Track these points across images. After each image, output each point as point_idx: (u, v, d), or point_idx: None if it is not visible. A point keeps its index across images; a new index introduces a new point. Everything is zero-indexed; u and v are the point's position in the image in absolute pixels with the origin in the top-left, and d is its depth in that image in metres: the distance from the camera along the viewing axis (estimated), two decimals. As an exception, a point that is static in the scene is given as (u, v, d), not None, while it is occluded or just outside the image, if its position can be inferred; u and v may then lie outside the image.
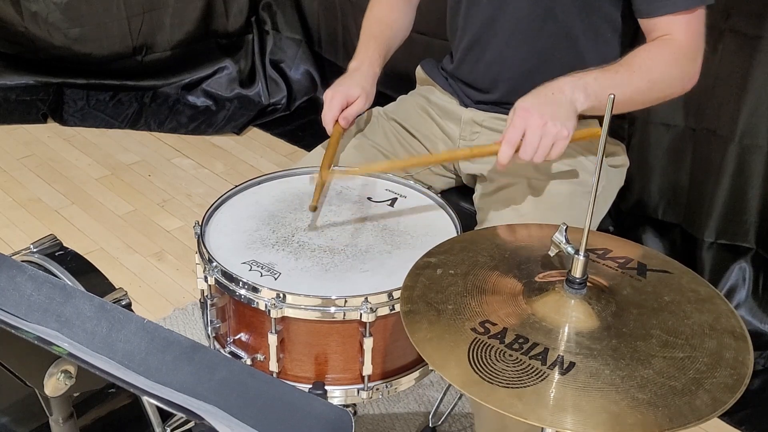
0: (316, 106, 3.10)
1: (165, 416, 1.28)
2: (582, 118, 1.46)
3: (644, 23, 1.37)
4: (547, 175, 1.45)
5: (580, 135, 1.31)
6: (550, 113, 1.24)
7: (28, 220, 2.60)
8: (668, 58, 1.34)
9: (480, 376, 0.89)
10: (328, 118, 1.50)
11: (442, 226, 1.32)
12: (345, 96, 1.50)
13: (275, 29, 3.36)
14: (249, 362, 1.21)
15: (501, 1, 1.45)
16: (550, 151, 1.25)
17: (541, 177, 1.45)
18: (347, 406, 1.25)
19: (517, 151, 1.25)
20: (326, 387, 1.18)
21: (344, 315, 1.14)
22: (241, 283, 1.16)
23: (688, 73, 1.36)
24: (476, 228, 1.43)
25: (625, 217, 2.34)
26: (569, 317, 0.97)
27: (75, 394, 0.83)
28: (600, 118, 1.48)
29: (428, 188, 1.43)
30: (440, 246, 1.13)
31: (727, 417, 1.91)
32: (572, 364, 0.91)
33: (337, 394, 1.20)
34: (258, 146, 3.11)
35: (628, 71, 1.32)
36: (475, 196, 1.53)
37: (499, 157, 1.26)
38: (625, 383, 0.88)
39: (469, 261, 1.09)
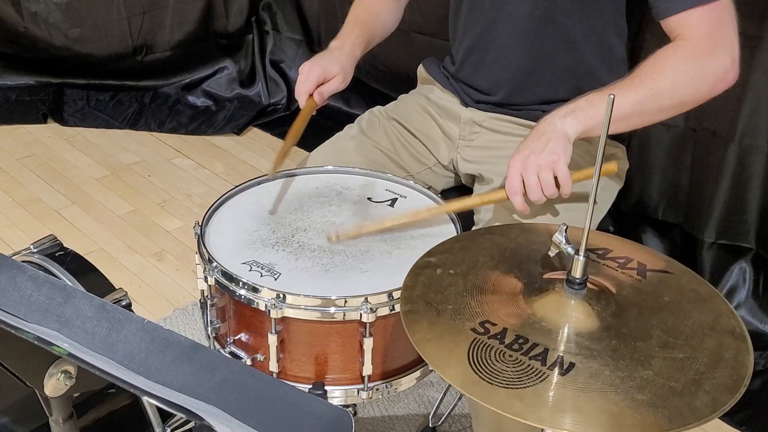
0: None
1: (165, 416, 1.28)
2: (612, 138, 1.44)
3: (663, 24, 1.34)
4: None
5: (580, 175, 1.28)
6: (531, 148, 1.25)
7: (28, 220, 2.60)
8: (676, 61, 1.29)
9: (480, 376, 0.89)
10: (302, 89, 1.48)
11: (442, 226, 1.32)
12: (323, 71, 1.48)
13: (275, 29, 3.36)
14: (249, 362, 1.21)
15: (501, 3, 1.45)
16: (556, 182, 1.24)
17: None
18: (347, 406, 1.25)
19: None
20: (326, 387, 1.18)
21: (344, 315, 1.14)
22: (241, 283, 1.16)
23: (708, 71, 1.29)
24: (474, 228, 1.43)
25: (625, 217, 2.34)
26: (569, 317, 0.97)
27: (75, 395, 0.83)
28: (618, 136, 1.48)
29: (428, 188, 1.43)
30: (440, 246, 1.13)
31: (727, 417, 1.91)
32: (572, 365, 0.91)
33: (337, 395, 1.20)
34: (258, 146, 3.11)
35: (626, 85, 1.29)
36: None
37: (516, 208, 1.27)
38: (624, 384, 0.88)
39: (469, 261, 1.09)
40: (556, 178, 1.24)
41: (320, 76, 1.48)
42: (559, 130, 1.27)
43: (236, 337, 1.23)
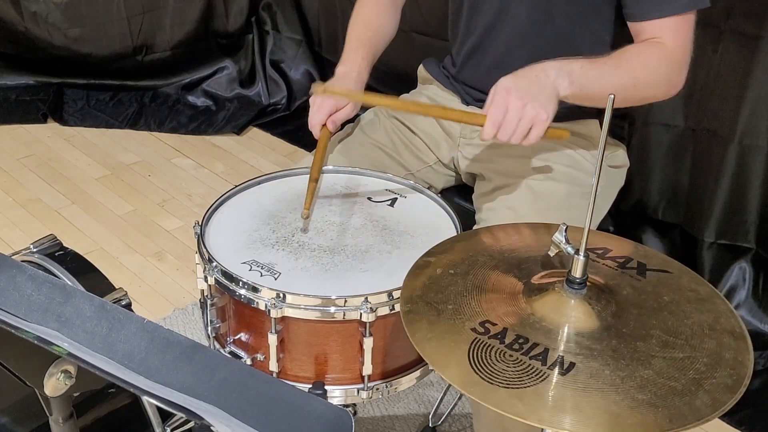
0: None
1: (165, 416, 1.28)
2: (581, 116, 1.46)
3: (633, 26, 1.37)
4: (546, 175, 1.45)
5: (549, 134, 1.29)
6: (531, 95, 1.24)
7: (28, 220, 2.60)
8: (655, 59, 1.34)
9: (480, 376, 0.89)
10: (315, 121, 1.50)
11: (442, 226, 1.32)
12: (335, 102, 1.50)
13: (275, 29, 3.36)
14: (249, 362, 1.21)
15: (501, 7, 1.45)
16: (528, 133, 1.25)
17: (539, 177, 1.45)
18: (347, 406, 1.25)
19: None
20: (326, 387, 1.18)
21: (344, 315, 1.14)
22: (241, 283, 1.16)
23: (673, 78, 1.36)
24: (474, 228, 1.44)
25: (625, 217, 2.33)
26: (569, 317, 0.97)
27: (75, 394, 0.83)
28: (598, 111, 1.48)
29: (428, 188, 1.43)
30: (440, 245, 1.13)
31: (727, 417, 1.91)
32: (572, 365, 0.91)
33: (337, 394, 1.20)
34: (258, 146, 3.11)
35: (614, 65, 1.32)
36: (474, 196, 1.54)
37: (482, 133, 1.27)
38: (625, 384, 0.88)
39: (469, 260, 1.09)
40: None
41: (332, 107, 1.50)
42: (555, 87, 1.27)
43: (236, 337, 1.23)
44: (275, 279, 1.19)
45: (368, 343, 1.15)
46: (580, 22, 1.42)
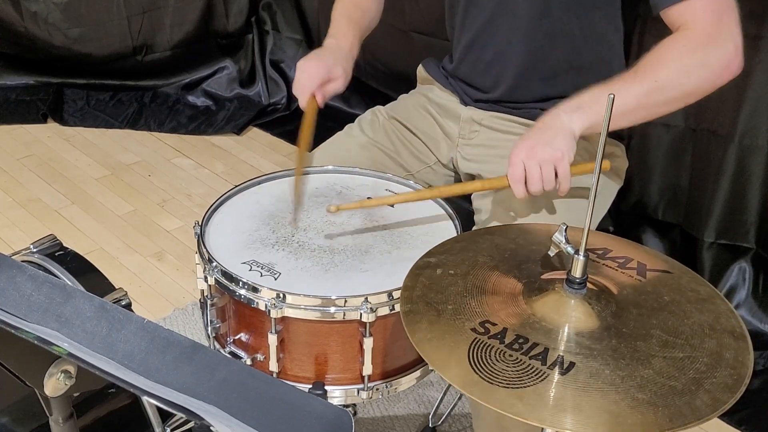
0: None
1: (165, 416, 1.28)
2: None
3: (663, 16, 1.32)
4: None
5: (576, 170, 1.28)
6: (536, 140, 1.25)
7: (28, 220, 2.60)
8: (676, 52, 1.27)
9: (480, 376, 0.89)
10: (306, 87, 1.44)
11: (442, 226, 1.32)
12: (328, 71, 1.46)
13: (275, 29, 3.36)
14: (249, 362, 1.21)
15: (499, 0, 1.45)
16: (556, 176, 1.25)
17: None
18: (347, 406, 1.25)
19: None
20: (326, 387, 1.18)
21: (344, 315, 1.14)
22: (241, 283, 1.16)
23: (712, 60, 1.27)
24: (474, 228, 1.44)
25: (625, 217, 2.34)
26: (569, 317, 0.97)
27: (75, 394, 0.83)
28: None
29: (428, 188, 1.43)
30: (440, 246, 1.13)
31: (727, 417, 1.91)
32: (572, 364, 0.91)
33: (337, 394, 1.20)
34: (258, 146, 3.11)
35: (631, 77, 1.28)
36: (474, 196, 1.54)
37: (516, 195, 1.27)
38: (625, 383, 0.88)
39: (469, 261, 1.09)
40: (556, 173, 1.25)
41: (325, 76, 1.46)
42: (566, 127, 1.26)
43: (236, 337, 1.23)
44: (275, 279, 1.19)
45: (368, 343, 1.15)
46: (578, 15, 1.41)
